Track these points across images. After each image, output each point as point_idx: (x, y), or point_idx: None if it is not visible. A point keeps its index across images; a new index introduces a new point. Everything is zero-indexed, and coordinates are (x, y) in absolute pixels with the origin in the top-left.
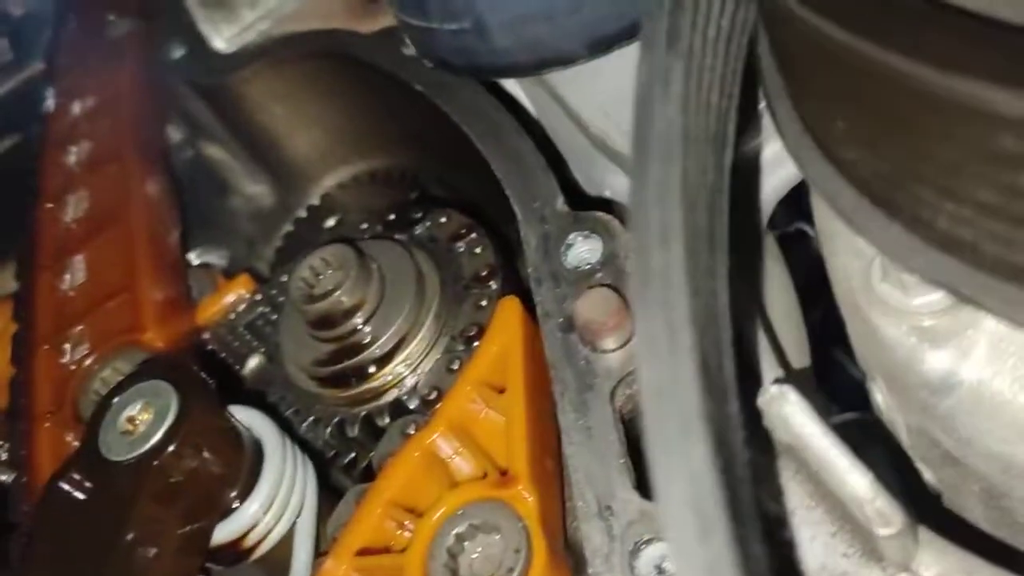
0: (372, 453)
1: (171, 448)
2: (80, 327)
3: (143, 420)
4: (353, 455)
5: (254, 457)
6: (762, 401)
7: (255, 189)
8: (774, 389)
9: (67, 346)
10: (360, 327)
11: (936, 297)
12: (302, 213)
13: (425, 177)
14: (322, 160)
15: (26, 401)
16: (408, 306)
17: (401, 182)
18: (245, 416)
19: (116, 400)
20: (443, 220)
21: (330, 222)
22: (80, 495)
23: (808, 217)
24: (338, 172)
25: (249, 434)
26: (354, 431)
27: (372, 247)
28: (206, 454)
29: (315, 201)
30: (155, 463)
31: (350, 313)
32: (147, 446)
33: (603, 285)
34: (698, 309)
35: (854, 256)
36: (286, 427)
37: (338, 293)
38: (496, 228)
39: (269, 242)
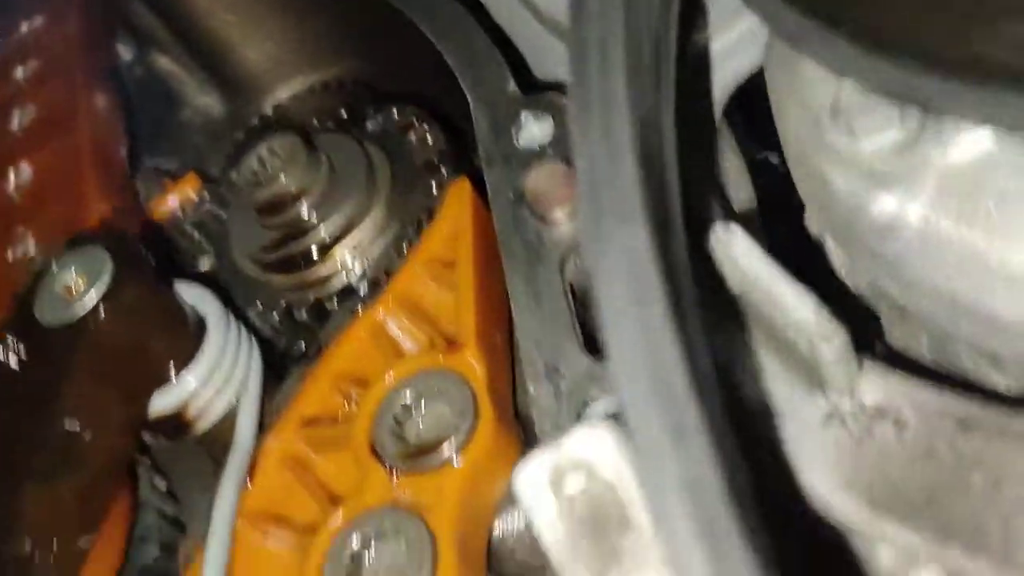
0: (321, 334)
1: (106, 314)
2: (23, 228)
3: (78, 286)
4: (305, 344)
5: (197, 332)
6: (712, 240)
7: (205, 100)
8: (722, 229)
9: (10, 249)
10: (306, 212)
11: (885, 140)
12: (254, 123)
13: (381, 84)
14: (274, 70)
15: None
16: (357, 192)
17: (356, 91)
18: (188, 292)
19: (51, 267)
20: (394, 113)
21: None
22: (12, 362)
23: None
24: (291, 83)
25: (192, 310)
26: (302, 315)
27: (322, 139)
28: (143, 323)
29: (267, 112)
30: (90, 328)
31: (296, 198)
32: (81, 310)
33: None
34: (643, 141)
35: (803, 109)
36: (236, 317)
37: (284, 177)
38: (452, 123)
39: (220, 152)
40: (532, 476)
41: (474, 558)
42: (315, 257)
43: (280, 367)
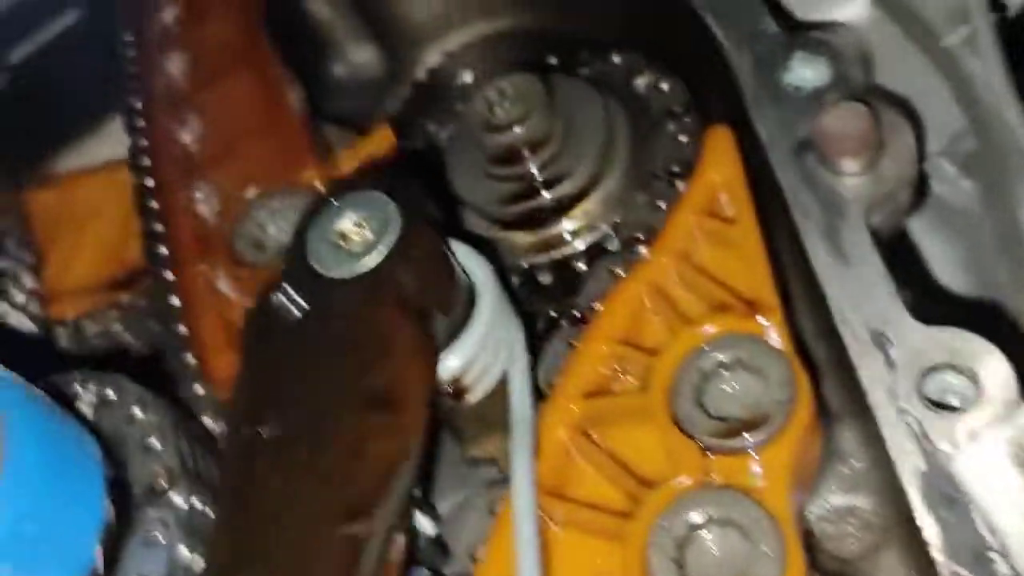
0: (578, 296)
1: (395, 269)
2: (217, 171)
3: (359, 234)
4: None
5: (467, 295)
6: None
7: (361, 55)
8: None
9: (200, 192)
10: (548, 162)
11: None
12: (420, 75)
13: (565, 33)
14: (443, 16)
15: (169, 249)
16: (599, 141)
17: (539, 41)
18: (458, 251)
19: (327, 209)
20: (616, 60)
21: (466, 77)
22: (294, 313)
23: None
24: (460, 32)
25: (462, 270)
26: (547, 278)
27: (552, 79)
28: (427, 282)
29: (434, 63)
30: (378, 282)
31: (537, 147)
32: (369, 263)
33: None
34: None
35: None
36: None
37: (524, 124)
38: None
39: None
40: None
41: None
42: (563, 212)
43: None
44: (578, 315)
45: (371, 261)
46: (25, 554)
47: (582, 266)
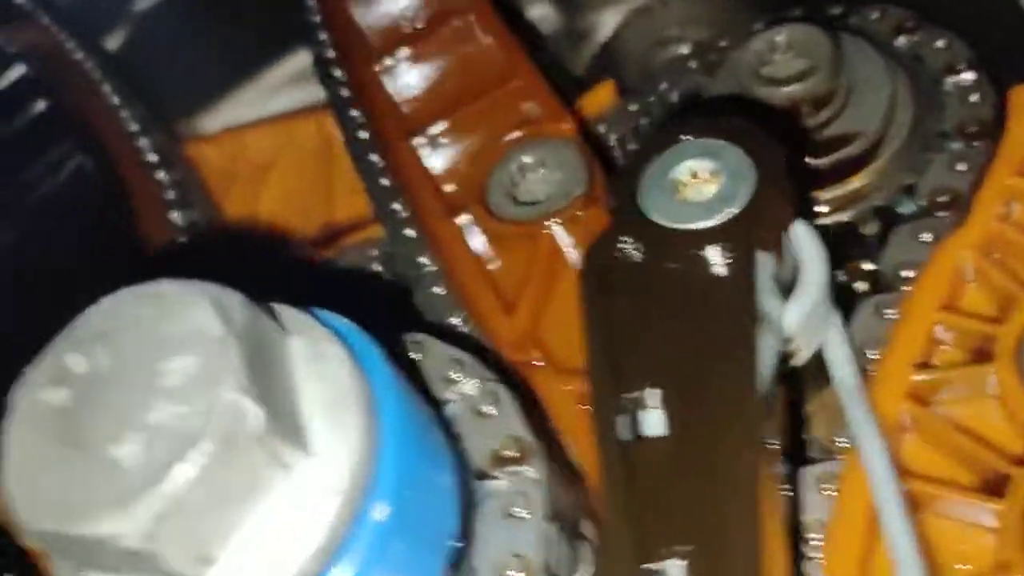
0: (878, 261)
1: (744, 227)
2: (451, 120)
3: (700, 184)
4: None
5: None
6: None
7: (538, 11)
8: None
9: (432, 145)
10: (831, 119)
11: None
12: (606, 33)
13: None
14: None
15: (409, 205)
16: (885, 97)
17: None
18: None
19: (667, 154)
20: (875, 15)
21: (673, 30)
22: (633, 265)
23: None
24: None
25: None
26: (832, 240)
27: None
28: (769, 244)
29: (619, 21)
30: (723, 239)
31: (820, 104)
32: (718, 217)
33: None
34: None
35: None
36: None
37: (808, 80)
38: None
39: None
40: None
41: None
42: (848, 172)
43: None
44: (880, 280)
45: (720, 214)
46: (411, 529)
47: (872, 229)
